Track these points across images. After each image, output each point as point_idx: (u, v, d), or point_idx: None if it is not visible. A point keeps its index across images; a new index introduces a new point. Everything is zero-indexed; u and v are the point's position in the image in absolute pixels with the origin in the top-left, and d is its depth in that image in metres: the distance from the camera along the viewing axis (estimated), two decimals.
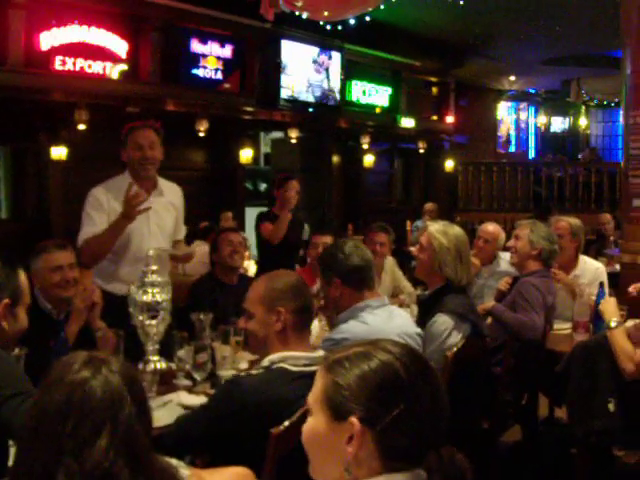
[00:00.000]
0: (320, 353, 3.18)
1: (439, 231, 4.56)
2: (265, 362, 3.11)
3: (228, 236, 5.94)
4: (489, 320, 5.22)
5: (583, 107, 24.39)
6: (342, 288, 3.97)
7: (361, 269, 4.04)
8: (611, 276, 7.24)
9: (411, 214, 14.66)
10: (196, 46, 12.03)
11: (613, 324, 4.41)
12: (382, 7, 8.78)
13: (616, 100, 17.24)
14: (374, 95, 15.89)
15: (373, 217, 11.89)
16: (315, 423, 1.78)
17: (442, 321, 4.35)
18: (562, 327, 5.64)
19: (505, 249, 6.25)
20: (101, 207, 5.04)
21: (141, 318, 3.72)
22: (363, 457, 1.68)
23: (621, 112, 7.71)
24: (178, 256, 5.50)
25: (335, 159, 15.72)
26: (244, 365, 4.17)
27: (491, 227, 6.68)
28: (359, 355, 1.76)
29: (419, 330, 4.25)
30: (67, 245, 4.41)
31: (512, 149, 24.11)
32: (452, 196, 18.72)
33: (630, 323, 4.58)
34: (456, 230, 4.64)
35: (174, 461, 2.04)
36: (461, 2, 10.51)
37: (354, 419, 1.67)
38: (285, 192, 7.04)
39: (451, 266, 4.47)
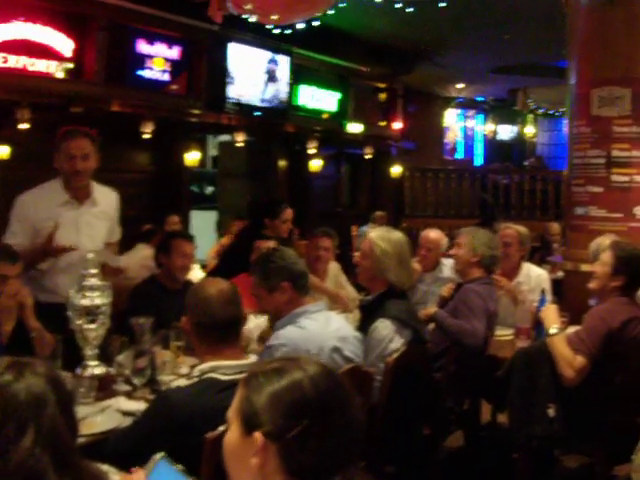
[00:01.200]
0: (252, 359, 3.16)
1: (380, 237, 4.61)
2: (195, 372, 3.10)
3: (182, 246, 5.74)
4: (431, 326, 5.23)
5: (530, 115, 24.62)
6: (291, 292, 3.96)
7: (306, 275, 4.06)
8: (555, 283, 7.31)
9: (357, 219, 14.68)
10: (143, 47, 11.83)
11: (553, 331, 4.45)
12: (331, 12, 8.79)
13: (562, 109, 17.41)
14: (322, 100, 15.83)
15: (319, 222, 11.84)
16: (230, 435, 1.82)
17: (384, 326, 4.38)
18: (504, 333, 5.67)
19: (447, 256, 6.28)
20: (25, 218, 4.94)
21: (80, 322, 3.63)
22: (268, 472, 1.70)
23: (565, 121, 7.77)
24: (107, 268, 5.34)
25: (282, 163, 15.64)
26: (185, 370, 4.11)
27: (433, 234, 6.70)
28: (273, 371, 1.79)
29: (357, 334, 4.26)
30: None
31: (459, 156, 24.26)
32: (398, 202, 18.73)
33: (571, 329, 4.61)
34: (397, 235, 4.72)
35: (105, 467, 2.04)
36: (409, 9, 10.52)
37: (258, 433, 1.69)
38: (281, 222, 6.96)
39: (393, 271, 4.53)
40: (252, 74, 13.13)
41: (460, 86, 19.98)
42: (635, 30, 7.00)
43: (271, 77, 13.57)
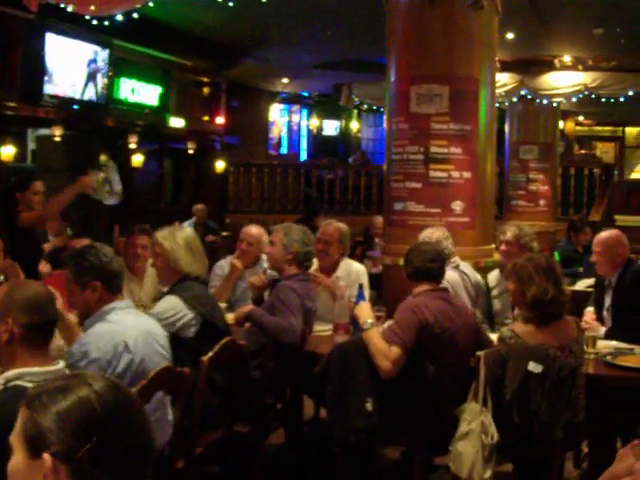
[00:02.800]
0: (61, 366, 3.02)
1: (166, 235, 4.81)
2: (0, 380, 2.91)
3: None
4: (247, 324, 5.19)
5: (355, 111, 24.97)
6: (102, 291, 3.88)
7: (120, 274, 4.02)
8: (377, 277, 7.40)
9: (181, 215, 14.50)
10: None
11: (367, 325, 4.48)
12: (152, 4, 8.59)
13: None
14: (143, 94, 15.46)
15: (141, 218, 11.65)
16: (15, 460, 1.71)
17: (168, 301, 4.59)
18: (323, 329, 5.68)
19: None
20: None
21: None
22: None
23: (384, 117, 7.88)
24: None
25: (103, 158, 15.25)
26: None
27: (254, 229, 6.65)
28: (57, 389, 1.71)
29: (166, 333, 4.22)
30: None
31: (284, 151, 24.38)
32: (223, 197, 18.67)
33: (388, 324, 4.66)
34: (184, 230, 5.00)
35: None
36: (230, 3, 10.42)
37: (47, 455, 1.61)
38: (32, 194, 6.89)
39: (185, 259, 4.70)
40: (70, 66, 12.72)
41: (285, 81, 20.04)
42: (453, 29, 7.15)
43: (90, 70, 13.19)
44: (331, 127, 26.03)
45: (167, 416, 4.04)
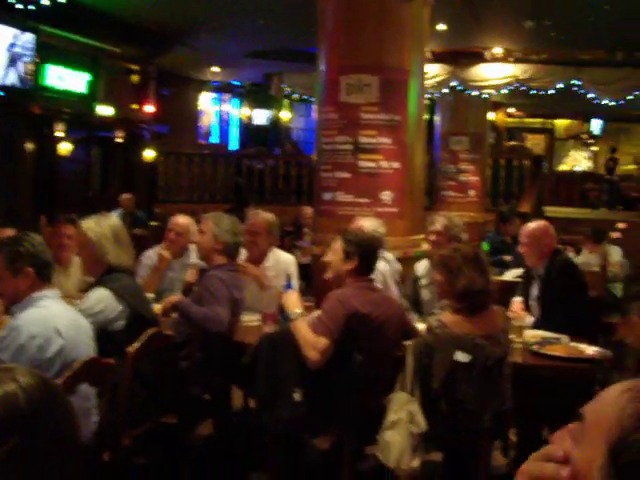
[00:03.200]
0: None
1: (91, 225, 4.72)
2: None
3: None
4: (174, 314, 5.13)
5: (286, 100, 24.94)
6: (34, 278, 3.88)
7: (52, 264, 3.99)
8: (307, 267, 7.39)
9: (109, 205, 14.32)
10: None
11: (294, 315, 4.46)
12: None
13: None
14: (71, 81, 15.24)
15: (69, 208, 11.46)
16: None
17: (98, 293, 4.50)
18: (252, 319, 5.64)
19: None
20: None
21: None
22: None
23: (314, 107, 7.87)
24: None
25: (28, 146, 15.00)
26: None
27: (182, 219, 6.59)
28: None
29: (92, 327, 4.18)
30: None
31: (214, 140, 24.26)
32: (152, 187, 18.51)
33: (317, 313, 4.64)
34: (110, 220, 4.85)
35: None
36: None
37: None
38: None
39: (111, 251, 4.61)
40: None
41: (215, 69, 19.93)
42: (384, 19, 7.16)
43: (15, 55, 12.92)
44: (262, 116, 25.98)
45: (92, 408, 3.98)
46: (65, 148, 15.21)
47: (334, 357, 4.36)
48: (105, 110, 15.81)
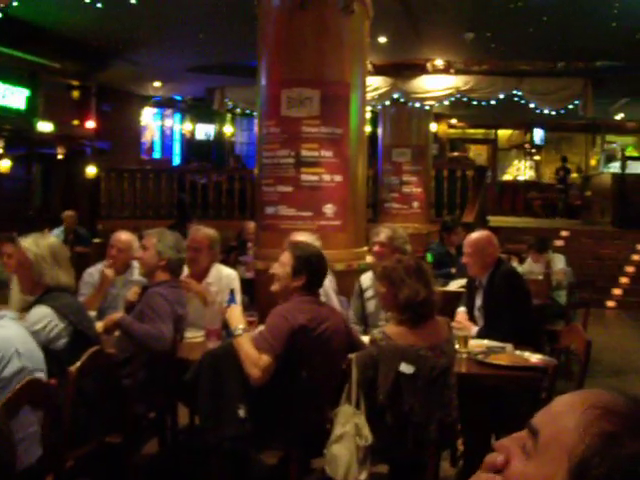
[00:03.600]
0: None
1: (30, 244, 4.64)
2: None
3: None
4: (117, 332, 5.07)
5: (229, 115, 24.89)
6: None
7: (7, 283, 3.97)
8: (252, 282, 7.35)
9: (51, 222, 14.17)
10: None
11: (238, 332, 4.43)
12: (16, 3, 8.36)
13: None
14: (9, 97, 15.05)
15: (9, 226, 11.29)
16: None
17: (40, 311, 4.41)
18: (195, 335, 5.60)
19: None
20: None
21: None
22: None
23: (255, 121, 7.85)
24: None
25: None
26: None
27: (124, 235, 6.53)
28: None
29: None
30: None
31: (157, 155, 24.13)
32: (94, 203, 18.34)
33: (261, 328, 4.61)
34: (49, 240, 4.77)
35: None
36: (99, 4, 10.24)
37: None
38: None
39: (49, 273, 4.55)
40: None
41: (157, 84, 19.85)
42: (324, 33, 7.18)
43: None
44: (205, 131, 25.90)
45: (37, 433, 3.90)
46: (5, 165, 15.01)
47: (279, 372, 4.33)
48: (45, 126, 15.63)
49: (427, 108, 16.42)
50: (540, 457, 1.07)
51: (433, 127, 18.51)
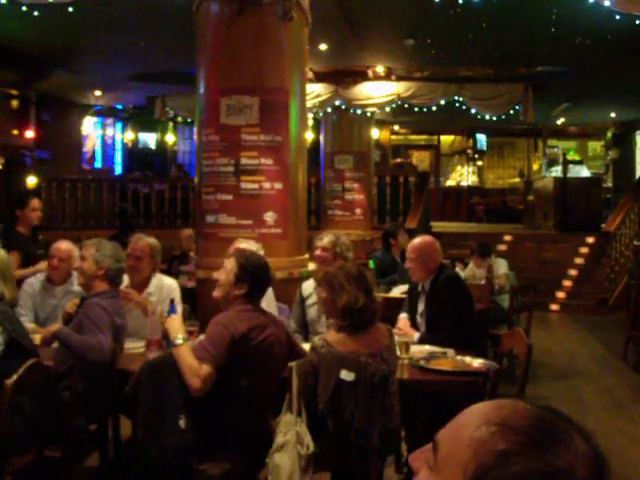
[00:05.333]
0: None
1: None
2: None
3: None
4: (55, 344, 5.00)
5: (171, 124, 24.78)
6: None
7: None
8: (194, 292, 7.30)
9: None
10: None
11: (178, 341, 4.40)
12: None
13: None
14: None
15: None
16: None
17: None
18: (136, 346, 5.55)
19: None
20: None
21: None
22: None
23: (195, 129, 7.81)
24: None
25: None
26: None
27: (64, 245, 6.49)
28: None
29: None
30: None
31: (98, 165, 23.94)
32: None
33: (201, 338, 4.58)
34: None
35: None
36: (35, 13, 10.12)
37: None
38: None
39: None
40: None
41: (97, 93, 19.69)
42: (263, 40, 7.18)
43: None
44: (147, 140, 25.76)
45: None
46: None
47: (220, 382, 4.30)
48: None
49: (369, 115, 16.49)
50: (440, 472, 1.07)
51: (375, 133, 18.60)
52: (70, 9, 9.75)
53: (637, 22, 10.37)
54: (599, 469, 1.02)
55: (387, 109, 16.78)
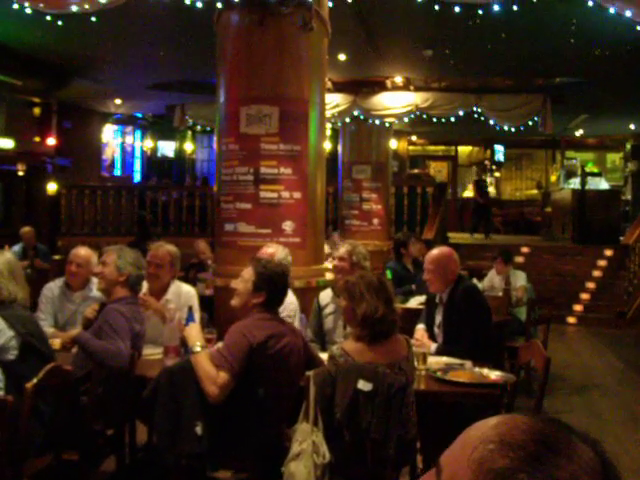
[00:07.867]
0: None
1: None
2: None
3: None
4: (75, 349, 5.04)
5: (189, 132, 24.85)
6: None
7: None
8: (211, 299, 7.31)
9: (11, 239, 14.02)
10: None
11: (196, 349, 4.41)
12: None
13: None
14: None
15: None
16: None
17: None
18: (154, 352, 5.56)
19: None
20: None
21: None
22: None
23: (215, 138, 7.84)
24: None
25: None
26: None
27: (83, 251, 6.50)
28: None
29: None
30: None
31: (117, 173, 24.04)
32: (55, 220, 18.22)
33: (220, 345, 4.59)
34: (6, 256, 4.78)
35: None
36: (59, 22, 10.17)
37: None
38: None
39: (6, 288, 4.55)
40: None
41: (118, 102, 19.80)
42: (283, 50, 7.20)
43: None
44: (166, 148, 25.85)
45: None
46: None
47: (237, 389, 4.32)
48: (6, 143, 15.53)
49: (387, 125, 16.49)
50: None
51: (393, 144, 18.59)
52: (93, 19, 9.80)
53: None
54: (606, 477, 1.01)
55: (405, 119, 16.76)
